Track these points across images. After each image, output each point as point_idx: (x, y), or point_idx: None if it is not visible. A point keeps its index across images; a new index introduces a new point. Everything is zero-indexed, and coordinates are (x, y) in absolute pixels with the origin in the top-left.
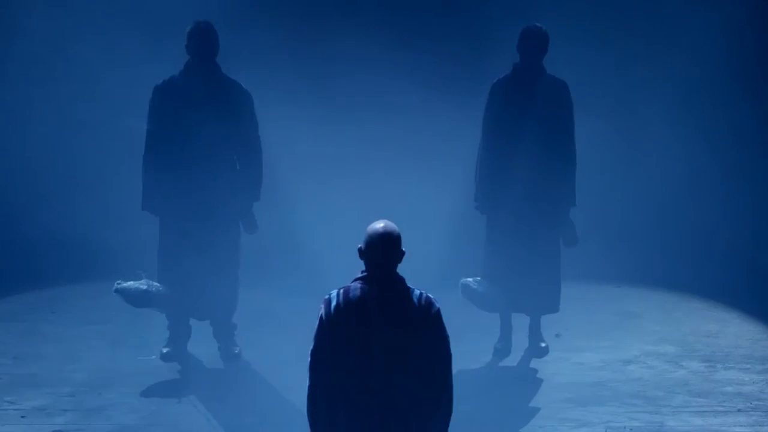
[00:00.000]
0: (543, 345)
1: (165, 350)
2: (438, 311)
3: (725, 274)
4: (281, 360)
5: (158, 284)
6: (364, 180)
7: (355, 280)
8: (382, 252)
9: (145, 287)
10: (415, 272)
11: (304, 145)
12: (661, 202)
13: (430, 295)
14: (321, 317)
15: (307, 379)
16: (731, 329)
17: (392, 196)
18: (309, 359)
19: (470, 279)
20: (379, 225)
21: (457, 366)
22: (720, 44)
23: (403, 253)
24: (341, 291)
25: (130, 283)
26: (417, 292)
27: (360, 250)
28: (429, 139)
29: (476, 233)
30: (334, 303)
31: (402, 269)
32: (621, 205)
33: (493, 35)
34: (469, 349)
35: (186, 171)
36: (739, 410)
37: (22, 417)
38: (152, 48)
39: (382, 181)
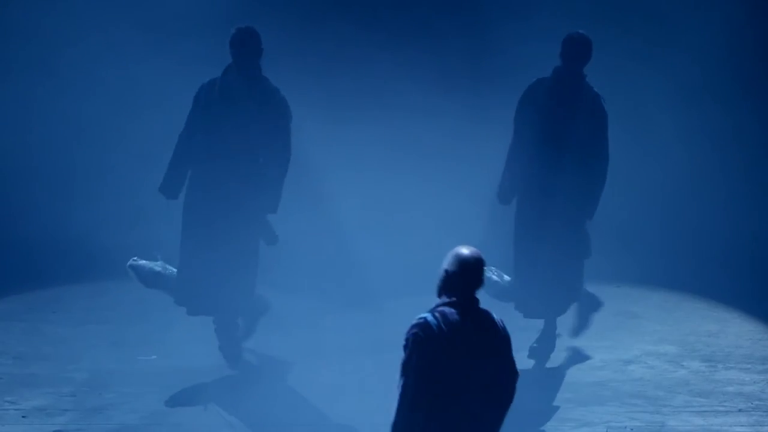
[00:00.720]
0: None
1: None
2: (509, 334)
3: (726, 274)
4: (282, 359)
5: (173, 268)
6: (367, 180)
7: (444, 304)
8: (475, 277)
9: (159, 269)
10: (423, 271)
11: (308, 145)
12: (661, 201)
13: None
14: (421, 339)
15: (396, 400)
16: (732, 329)
17: (396, 196)
18: (404, 378)
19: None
20: (470, 251)
21: None
22: (720, 43)
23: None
24: (437, 314)
25: (144, 262)
26: (494, 314)
27: (447, 272)
28: (432, 139)
29: (482, 233)
30: (435, 324)
31: (410, 268)
32: (621, 204)
33: (494, 34)
34: None
35: (211, 170)
36: (739, 410)
37: (23, 417)
38: (152, 48)
39: (385, 180)
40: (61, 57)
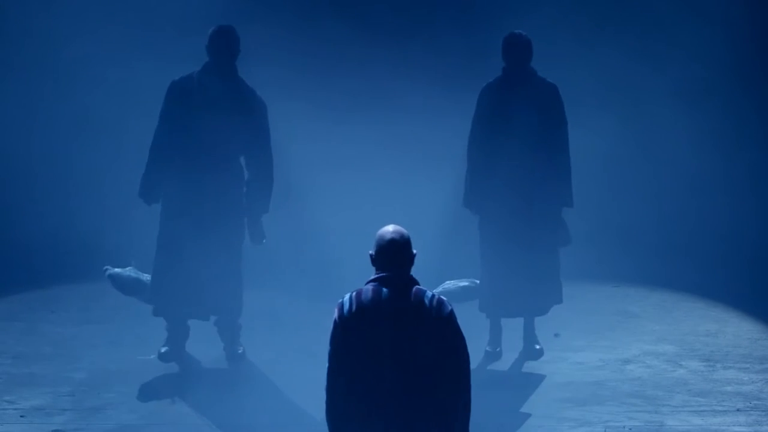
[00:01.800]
0: (537, 347)
1: (163, 350)
2: (451, 312)
3: (724, 274)
4: (283, 360)
5: (148, 275)
6: (367, 179)
7: (368, 282)
8: (393, 256)
9: (135, 276)
10: (426, 271)
11: (308, 145)
12: (660, 201)
13: (442, 297)
14: (335, 321)
15: (325, 383)
16: (730, 329)
17: (395, 196)
18: (327, 364)
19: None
20: (388, 229)
21: None
22: (720, 42)
23: (414, 256)
24: (353, 294)
25: (120, 270)
26: (429, 293)
27: (371, 256)
28: (433, 138)
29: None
30: (347, 307)
31: (413, 268)
32: (620, 204)
33: (494, 33)
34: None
35: (189, 170)
36: (738, 410)
37: (22, 416)
38: (152, 48)
39: (385, 180)
40: (61, 56)
